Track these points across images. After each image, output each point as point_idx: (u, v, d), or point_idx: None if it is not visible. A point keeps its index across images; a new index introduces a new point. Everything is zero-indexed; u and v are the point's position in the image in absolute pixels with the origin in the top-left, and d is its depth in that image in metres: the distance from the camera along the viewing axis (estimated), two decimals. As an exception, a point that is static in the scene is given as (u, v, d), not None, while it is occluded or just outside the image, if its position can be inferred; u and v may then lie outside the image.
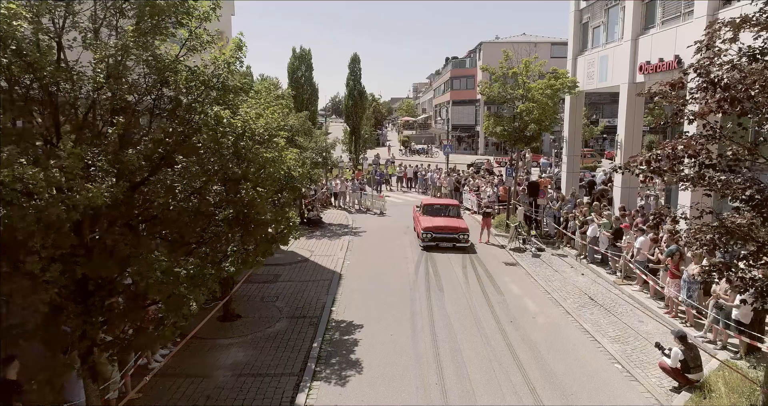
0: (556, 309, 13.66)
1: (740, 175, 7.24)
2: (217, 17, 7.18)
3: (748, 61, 7.55)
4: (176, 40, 6.74)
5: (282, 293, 14.78)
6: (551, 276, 16.43)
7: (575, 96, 22.38)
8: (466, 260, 18.25)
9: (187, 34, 6.58)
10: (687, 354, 9.17)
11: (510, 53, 22.46)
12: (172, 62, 6.13)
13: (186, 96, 6.11)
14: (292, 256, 18.74)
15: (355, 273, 16.74)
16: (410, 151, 69.07)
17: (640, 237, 14.41)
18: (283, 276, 16.32)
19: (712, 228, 7.71)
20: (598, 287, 15.22)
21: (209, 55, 7.12)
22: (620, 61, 18.63)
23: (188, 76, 6.21)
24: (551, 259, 18.41)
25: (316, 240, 21.21)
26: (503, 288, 15.27)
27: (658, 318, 12.73)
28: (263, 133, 6.36)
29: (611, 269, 16.25)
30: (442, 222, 19.97)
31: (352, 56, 48.77)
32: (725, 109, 7.33)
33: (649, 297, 13.86)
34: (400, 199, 32.23)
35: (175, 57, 6.30)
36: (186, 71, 6.29)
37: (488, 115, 22.98)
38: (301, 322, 12.68)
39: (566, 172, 23.59)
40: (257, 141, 6.30)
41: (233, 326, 12.46)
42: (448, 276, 16.34)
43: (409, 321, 12.69)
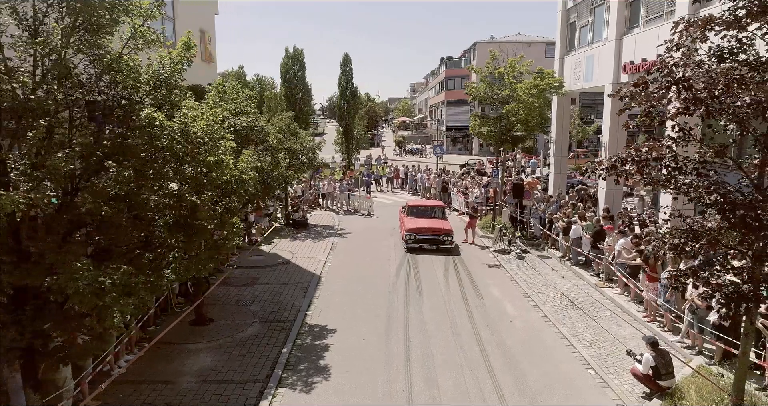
0: (534, 313, 13.45)
1: (706, 179, 7.04)
2: (161, 14, 6.93)
3: (717, 61, 7.37)
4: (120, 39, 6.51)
5: (258, 296, 14.56)
6: (533, 279, 16.22)
7: (562, 96, 22.18)
8: (449, 262, 18.04)
9: (130, 32, 6.34)
10: (658, 360, 8.97)
11: (496, 53, 22.29)
12: (113, 60, 5.90)
13: (128, 96, 5.89)
14: (274, 258, 18.52)
15: (335, 276, 16.52)
16: (404, 152, 68.88)
17: (620, 239, 14.20)
18: (261, 279, 16.09)
19: (680, 232, 7.52)
20: (580, 290, 15.02)
21: (155, 54, 6.89)
22: (605, 61, 18.44)
23: (131, 75, 5.98)
24: (535, 261, 18.21)
25: (300, 242, 20.99)
26: (484, 291, 15.06)
27: (636, 322, 12.52)
28: (203, 136, 6.13)
29: (594, 272, 16.05)
30: (426, 223, 19.77)
31: (343, 56, 48.58)
32: (692, 110, 7.14)
33: (630, 300, 13.66)
34: (390, 200, 32.02)
35: (117, 55, 6.07)
36: (129, 70, 6.06)
37: (474, 116, 22.76)
38: (273, 326, 12.46)
39: (554, 173, 23.39)
40: (197, 144, 6.07)
41: (204, 331, 12.23)
42: (429, 279, 16.12)
43: (384, 325, 12.47)
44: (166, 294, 12.98)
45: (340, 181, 28.89)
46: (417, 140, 77.50)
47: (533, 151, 52.94)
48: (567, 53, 22.50)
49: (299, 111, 50.67)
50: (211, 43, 21.25)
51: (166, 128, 5.61)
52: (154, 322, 12.31)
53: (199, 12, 19.63)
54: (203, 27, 20.18)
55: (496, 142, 22.28)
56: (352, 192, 28.65)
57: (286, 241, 21.14)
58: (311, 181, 29.72)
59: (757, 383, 9.29)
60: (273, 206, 23.09)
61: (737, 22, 6.81)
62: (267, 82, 78.68)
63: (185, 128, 5.94)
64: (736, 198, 6.73)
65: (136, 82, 5.95)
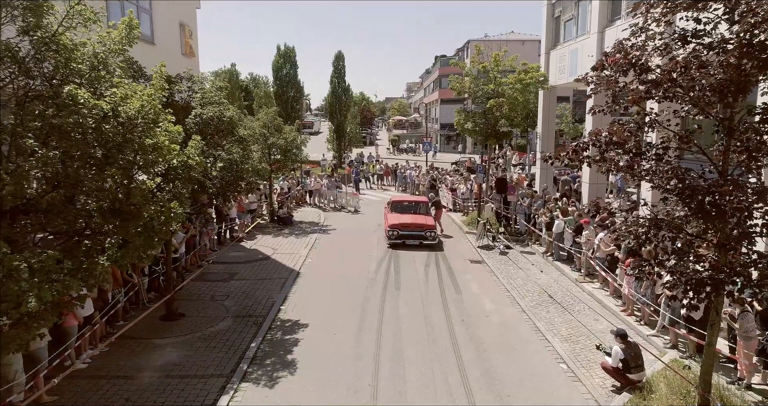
0: (512, 308, 13.26)
1: (665, 164, 6.85)
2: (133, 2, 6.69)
3: (681, 44, 7.18)
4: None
5: (234, 291, 14.34)
6: (514, 274, 16.03)
7: (548, 91, 22.01)
8: (431, 258, 17.85)
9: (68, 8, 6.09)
10: (627, 353, 8.79)
11: (481, 48, 22.12)
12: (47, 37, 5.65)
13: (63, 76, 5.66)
14: (253, 254, 18.31)
15: (313, 271, 16.32)
16: (398, 150, 68.66)
17: (600, 233, 14.02)
18: (239, 274, 15.87)
19: (645, 221, 7.34)
20: (560, 285, 14.83)
21: (95, 34, 6.66)
22: (589, 54, 18.25)
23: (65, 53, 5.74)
24: (518, 256, 18.02)
25: (283, 238, 20.77)
26: (463, 286, 14.87)
27: (613, 316, 12.34)
28: (135, 117, 5.88)
29: (576, 267, 15.87)
30: (409, 219, 19.57)
31: (336, 54, 48.51)
32: (652, 93, 6.95)
33: (609, 295, 13.48)
34: (378, 197, 31.78)
35: (53, 33, 5.83)
36: (65, 49, 5.82)
37: (459, 111, 22.58)
38: (245, 321, 12.24)
39: (540, 169, 23.21)
40: (130, 125, 5.82)
41: (174, 326, 12.01)
42: (409, 274, 15.93)
43: (357, 320, 12.26)
44: (136, 289, 12.80)
45: (327, 178, 28.65)
46: (412, 139, 77.20)
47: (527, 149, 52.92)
48: (552, 48, 22.33)
49: (291, 109, 50.55)
50: (192, 38, 21.04)
51: (95, 107, 5.38)
52: (123, 317, 12.09)
53: (178, 5, 19.41)
54: (183, 20, 19.97)
55: (481, 138, 22.06)
56: (339, 189, 28.43)
57: (269, 237, 20.93)
58: (295, 177, 29.48)
59: (729, 376, 9.11)
60: (256, 202, 22.87)
61: (696, 3, 6.61)
62: (261, 81, 78.36)
63: (116, 108, 5.70)
64: (697, 184, 6.54)
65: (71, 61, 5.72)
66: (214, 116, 10.85)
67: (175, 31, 19.67)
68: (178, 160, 7.21)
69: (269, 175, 23.73)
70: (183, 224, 15.41)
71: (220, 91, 12.02)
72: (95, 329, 10.49)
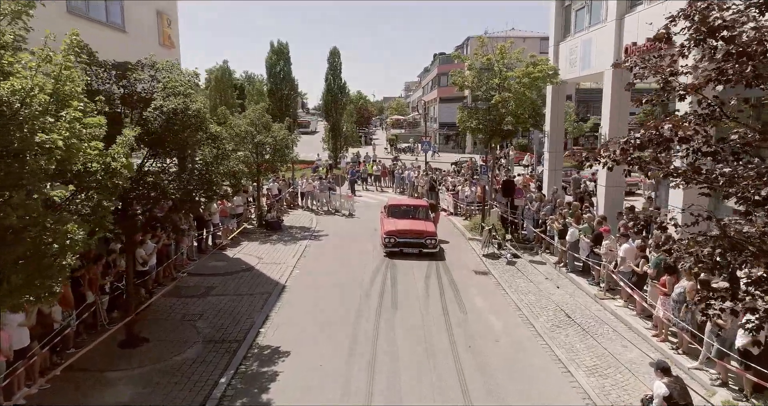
0: (525, 330, 11.59)
1: (750, 168, 5.18)
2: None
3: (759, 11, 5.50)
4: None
5: (209, 309, 12.64)
6: (525, 288, 14.36)
7: (557, 86, 20.34)
8: (431, 269, 16.17)
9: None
10: (673, 388, 7.08)
11: (485, 39, 20.43)
12: None
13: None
14: (236, 264, 16.61)
15: (301, 285, 14.62)
16: (396, 150, 66.94)
17: (624, 244, 12.35)
18: (217, 289, 14.17)
19: (711, 239, 5.67)
20: (577, 302, 13.17)
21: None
22: (604, 45, 16.60)
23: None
24: (527, 267, 16.35)
25: (270, 245, 19.07)
26: (468, 303, 13.19)
27: (644, 342, 10.68)
28: (13, 101, 4.25)
29: (593, 280, 14.21)
30: (407, 225, 17.89)
31: (331, 50, 46.71)
32: (729, 75, 5.27)
33: (636, 315, 11.81)
34: (375, 199, 30.09)
35: None
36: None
37: (461, 108, 20.90)
38: (217, 348, 10.55)
39: (548, 170, 21.55)
40: (7, 114, 4.16)
41: (134, 354, 10.31)
42: (407, 288, 14.25)
43: (348, 347, 10.59)
44: (93, 309, 11.11)
45: (320, 180, 26.94)
46: (410, 138, 75.50)
47: (527, 149, 51.26)
48: (562, 39, 20.67)
49: (285, 107, 48.84)
50: (172, 27, 19.33)
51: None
52: (75, 343, 10.39)
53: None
54: (161, 8, 18.26)
55: (485, 137, 20.39)
56: (333, 191, 26.72)
57: (255, 244, 19.24)
58: (284, 178, 27.78)
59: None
60: (242, 205, 21.17)
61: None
62: (257, 79, 76.59)
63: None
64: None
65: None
66: (178, 110, 9.13)
67: (152, 19, 17.98)
68: (98, 162, 5.51)
69: (257, 177, 22.09)
70: (154, 233, 13.78)
71: (190, 81, 10.30)
72: (32, 363, 8.79)
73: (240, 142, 20.88)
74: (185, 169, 10.26)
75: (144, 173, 9.21)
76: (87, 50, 9.45)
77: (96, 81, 9.54)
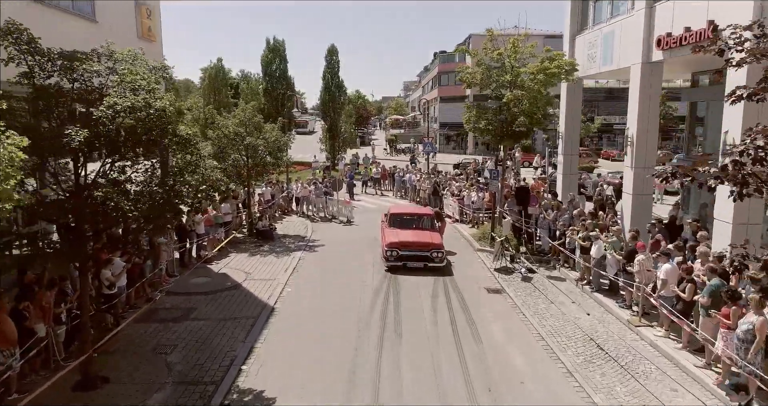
0: (552, 366, 9.90)
1: None
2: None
3: None
4: None
5: (185, 338, 10.96)
6: (545, 310, 12.69)
7: (573, 83, 18.66)
8: (438, 286, 14.49)
9: None
10: None
11: (495, 33, 18.72)
12: None
13: None
14: (221, 280, 14.91)
15: (292, 306, 12.94)
16: (396, 151, 65.27)
17: (665, 264, 10.68)
18: (197, 311, 12.50)
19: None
20: (608, 329, 11.49)
21: None
22: (631, 37, 14.93)
23: None
24: (545, 284, 14.68)
25: (260, 257, 17.38)
26: (483, 331, 11.51)
27: (697, 385, 9.01)
28: None
29: (623, 301, 12.55)
30: (411, 236, 16.20)
31: (328, 48, 44.96)
32: None
33: (681, 348, 10.12)
34: (375, 204, 28.43)
35: None
36: None
37: (469, 107, 19.21)
38: (190, 391, 8.87)
39: (563, 175, 19.88)
40: None
41: (90, 399, 8.64)
42: (412, 311, 12.57)
43: (343, 389, 8.92)
44: (45, 343, 9.42)
45: (315, 184, 25.24)
46: (410, 139, 73.75)
47: (531, 150, 49.62)
48: (579, 33, 19.00)
49: (281, 106, 47.14)
50: (153, 18, 17.64)
51: None
52: (19, 387, 8.69)
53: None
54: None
55: (495, 138, 18.70)
56: (330, 196, 25.03)
57: (244, 256, 17.55)
58: (278, 182, 26.09)
59: None
60: (231, 213, 19.48)
61: None
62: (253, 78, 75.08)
63: None
64: None
65: None
66: (136, 108, 7.44)
67: (128, 9, 16.30)
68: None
69: (248, 182, 20.41)
70: (123, 250, 12.08)
71: (153, 74, 8.62)
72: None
73: (228, 144, 19.26)
74: (167, 177, 8.62)
75: (87, 186, 7.51)
76: (27, 35, 7.81)
77: (40, 73, 7.89)
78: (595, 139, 60.76)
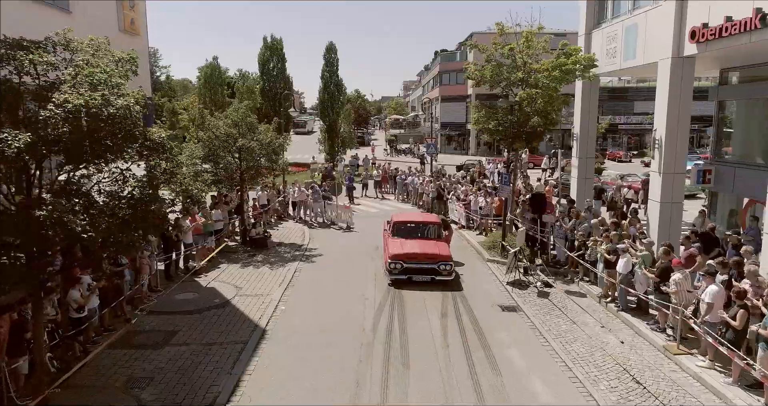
0: (584, 404, 8.60)
1: None
2: None
3: None
4: None
5: (164, 368, 9.64)
6: (568, 333, 11.39)
7: (589, 81, 17.36)
8: (447, 303, 13.19)
9: None
10: None
11: (505, 27, 17.38)
12: None
13: None
14: (209, 296, 13.60)
15: (285, 329, 11.62)
16: (396, 152, 63.95)
17: (710, 285, 9.37)
18: (180, 334, 11.18)
19: None
20: (642, 357, 10.18)
21: None
22: (659, 29, 13.64)
23: None
24: (564, 301, 13.38)
25: (253, 269, 16.07)
26: (500, 357, 10.21)
27: (757, 431, 7.72)
28: None
29: (655, 323, 11.24)
30: (417, 247, 14.88)
31: (327, 45, 43.56)
32: None
33: (732, 383, 8.81)
34: (376, 208, 27.14)
35: None
36: None
37: (477, 107, 17.89)
38: (163, 439, 7.56)
39: (578, 179, 18.57)
40: None
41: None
42: (419, 334, 11.25)
43: (344, 437, 7.62)
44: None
45: (313, 187, 23.91)
46: (410, 139, 72.41)
47: (535, 151, 48.27)
48: (596, 27, 17.70)
49: (279, 106, 45.77)
50: (137, 10, 16.33)
51: None
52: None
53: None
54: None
55: (506, 140, 17.40)
56: (329, 201, 23.71)
57: (236, 267, 16.24)
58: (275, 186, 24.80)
59: None
60: (223, 220, 18.16)
61: None
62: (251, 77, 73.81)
63: None
64: None
65: None
66: (91, 106, 6.13)
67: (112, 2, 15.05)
68: None
69: (241, 186, 19.09)
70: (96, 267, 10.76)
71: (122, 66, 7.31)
72: None
73: (220, 146, 17.94)
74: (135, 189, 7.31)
75: (33, 202, 6.19)
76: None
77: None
78: (600, 139, 59.49)
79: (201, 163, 17.59)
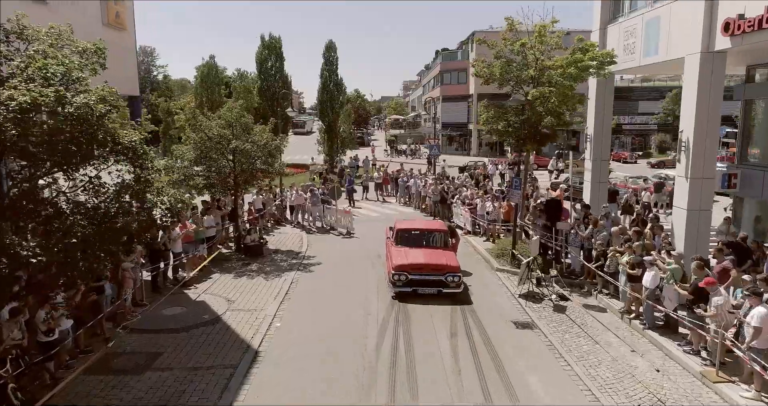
0: (618, 444, 7.57)
1: None
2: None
3: None
4: None
5: (144, 398, 8.61)
6: (590, 353, 10.36)
7: (604, 78, 16.32)
8: (456, 319, 12.15)
9: None
10: None
11: (515, 22, 16.32)
12: None
13: None
14: (198, 310, 12.56)
15: (280, 349, 10.57)
16: (396, 152, 62.89)
17: (758, 307, 8.33)
18: (164, 356, 10.14)
19: None
20: (677, 384, 9.15)
21: None
22: (685, 23, 12.60)
23: None
24: (583, 316, 12.35)
25: (247, 279, 15.03)
26: (517, 383, 9.18)
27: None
28: None
29: (687, 344, 10.20)
30: (423, 257, 13.83)
31: (326, 44, 42.56)
32: None
33: (784, 419, 7.80)
34: (377, 211, 26.09)
35: None
36: None
37: (486, 106, 16.84)
38: None
39: (591, 183, 17.54)
40: None
41: None
42: (427, 357, 10.20)
43: None
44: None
45: (311, 191, 22.86)
46: (410, 139, 71.32)
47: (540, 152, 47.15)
48: (612, 21, 16.67)
49: (277, 105, 44.69)
50: (121, 3, 15.29)
51: None
52: None
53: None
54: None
55: (517, 142, 16.36)
56: (328, 205, 22.67)
57: (229, 277, 15.20)
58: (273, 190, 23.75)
59: None
60: (215, 226, 17.10)
61: None
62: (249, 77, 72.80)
63: None
64: None
65: None
66: (41, 104, 5.09)
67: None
68: None
69: (235, 191, 18.06)
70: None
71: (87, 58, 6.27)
72: None
73: (212, 147, 16.91)
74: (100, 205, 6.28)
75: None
76: None
77: None
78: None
79: (192, 165, 16.56)
